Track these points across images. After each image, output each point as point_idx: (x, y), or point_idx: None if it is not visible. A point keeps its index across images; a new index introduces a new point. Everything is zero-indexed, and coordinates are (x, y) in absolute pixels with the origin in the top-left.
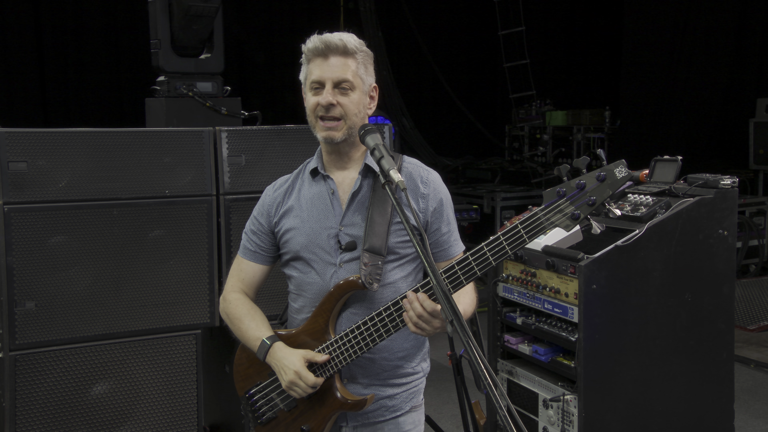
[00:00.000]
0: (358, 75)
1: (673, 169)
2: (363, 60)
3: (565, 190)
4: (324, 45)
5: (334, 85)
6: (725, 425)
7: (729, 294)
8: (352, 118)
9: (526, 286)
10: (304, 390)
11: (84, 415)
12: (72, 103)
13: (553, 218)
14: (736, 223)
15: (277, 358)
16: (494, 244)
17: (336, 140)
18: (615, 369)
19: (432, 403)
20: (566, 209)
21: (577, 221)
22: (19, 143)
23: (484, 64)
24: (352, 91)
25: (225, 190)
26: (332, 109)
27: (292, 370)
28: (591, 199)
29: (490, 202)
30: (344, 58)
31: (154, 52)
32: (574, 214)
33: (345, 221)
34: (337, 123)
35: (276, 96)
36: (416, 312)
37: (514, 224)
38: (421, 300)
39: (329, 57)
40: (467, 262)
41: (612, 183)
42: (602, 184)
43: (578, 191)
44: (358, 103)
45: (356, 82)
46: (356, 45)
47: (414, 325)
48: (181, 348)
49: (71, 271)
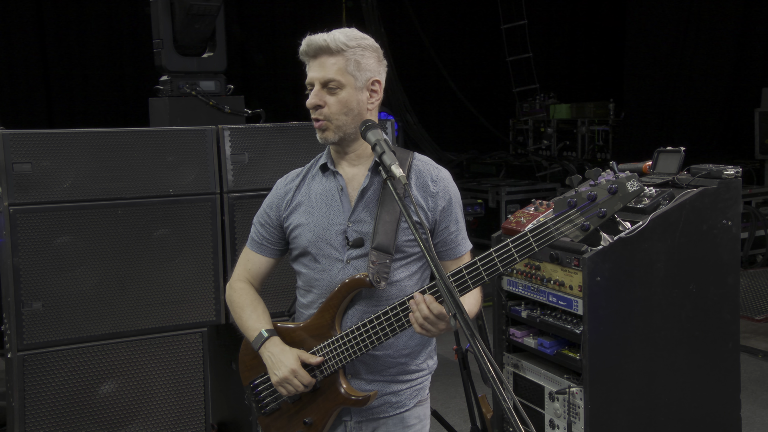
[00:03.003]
0: (347, 72)
1: (677, 160)
2: (356, 53)
3: (576, 200)
4: (308, 47)
5: (322, 86)
6: (732, 415)
7: (734, 284)
8: (339, 117)
9: (531, 280)
10: (295, 388)
11: (92, 414)
12: (75, 103)
13: (563, 228)
14: (740, 213)
15: (272, 352)
16: (503, 251)
17: (329, 140)
18: (620, 361)
19: (439, 398)
20: (576, 220)
21: (587, 233)
22: (24, 144)
23: (487, 58)
24: (341, 89)
25: (228, 189)
26: (317, 110)
27: (288, 368)
28: (602, 212)
29: (495, 196)
30: (331, 57)
31: (157, 52)
32: (584, 225)
33: (353, 218)
34: (322, 123)
35: (279, 94)
36: (422, 313)
37: (524, 231)
38: (428, 302)
39: (317, 57)
40: (475, 266)
41: (623, 196)
42: (613, 196)
43: (589, 203)
44: (347, 102)
45: (345, 80)
46: (345, 42)
47: (419, 326)
48: (187, 346)
49: (77, 271)
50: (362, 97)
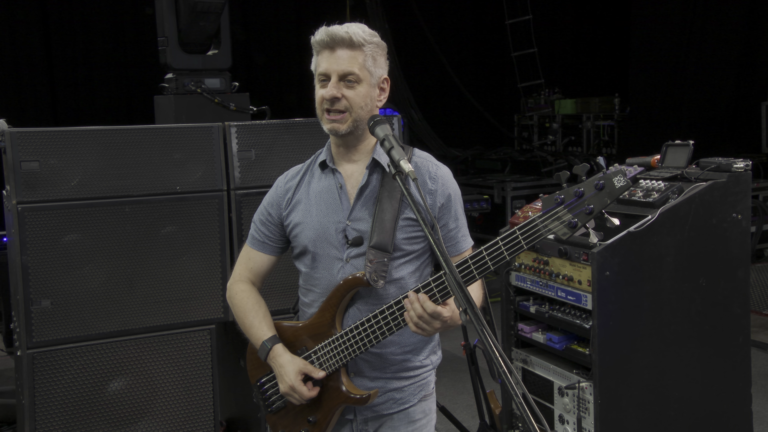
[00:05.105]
0: (365, 67)
1: (685, 154)
2: (372, 52)
3: (563, 197)
4: (330, 38)
5: (339, 78)
6: (743, 410)
7: (744, 278)
8: (357, 111)
9: (539, 275)
10: (298, 401)
11: (102, 412)
12: (81, 102)
13: (551, 225)
14: (749, 207)
15: (277, 364)
16: (492, 249)
17: (340, 132)
18: (630, 355)
19: (447, 394)
20: (564, 217)
21: (575, 229)
22: (31, 142)
23: (491, 53)
24: (359, 84)
25: (235, 185)
26: (336, 102)
27: (288, 384)
28: (588, 208)
29: (501, 192)
30: (351, 50)
31: (162, 50)
32: (572, 222)
33: (352, 216)
34: (341, 116)
35: (283, 90)
36: (416, 312)
37: (513, 230)
38: (421, 301)
39: (336, 50)
40: (466, 265)
41: (610, 192)
42: (600, 192)
43: (576, 199)
44: (365, 96)
45: (363, 75)
46: (364, 37)
47: (414, 325)
48: (195, 343)
49: (85, 268)
50: (374, 93)
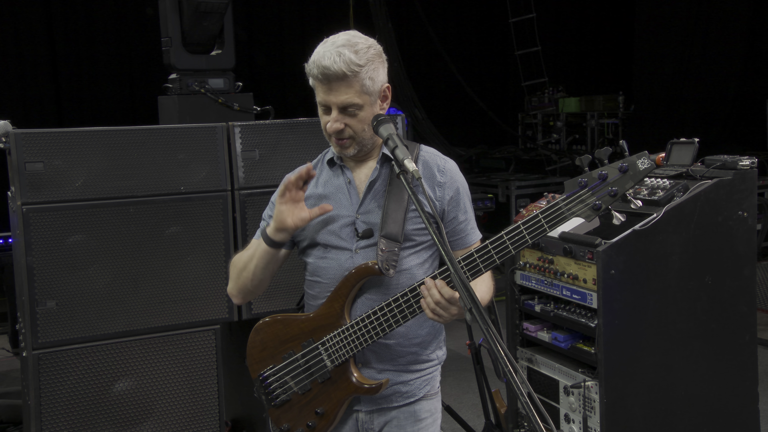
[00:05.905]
0: (364, 92)
1: (690, 152)
2: (369, 70)
3: (586, 180)
4: (323, 75)
5: (340, 111)
6: (749, 408)
7: (750, 276)
8: (361, 135)
9: (544, 273)
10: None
11: (107, 412)
12: (85, 103)
13: (575, 208)
14: (756, 205)
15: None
16: (514, 233)
17: (349, 155)
18: (636, 354)
19: (452, 393)
20: (588, 200)
21: (599, 212)
22: (36, 143)
23: (495, 52)
24: (360, 110)
25: (240, 185)
26: (341, 132)
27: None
28: (613, 190)
29: (505, 191)
30: (347, 81)
31: (165, 50)
32: (596, 204)
33: (362, 209)
34: (347, 141)
35: (287, 90)
36: (434, 298)
37: (535, 213)
38: (439, 287)
39: (331, 83)
40: (486, 250)
41: (634, 174)
42: (624, 175)
43: (600, 182)
44: (366, 119)
45: (363, 100)
46: (358, 62)
47: (431, 311)
48: (200, 343)
49: (90, 269)
50: (377, 108)
